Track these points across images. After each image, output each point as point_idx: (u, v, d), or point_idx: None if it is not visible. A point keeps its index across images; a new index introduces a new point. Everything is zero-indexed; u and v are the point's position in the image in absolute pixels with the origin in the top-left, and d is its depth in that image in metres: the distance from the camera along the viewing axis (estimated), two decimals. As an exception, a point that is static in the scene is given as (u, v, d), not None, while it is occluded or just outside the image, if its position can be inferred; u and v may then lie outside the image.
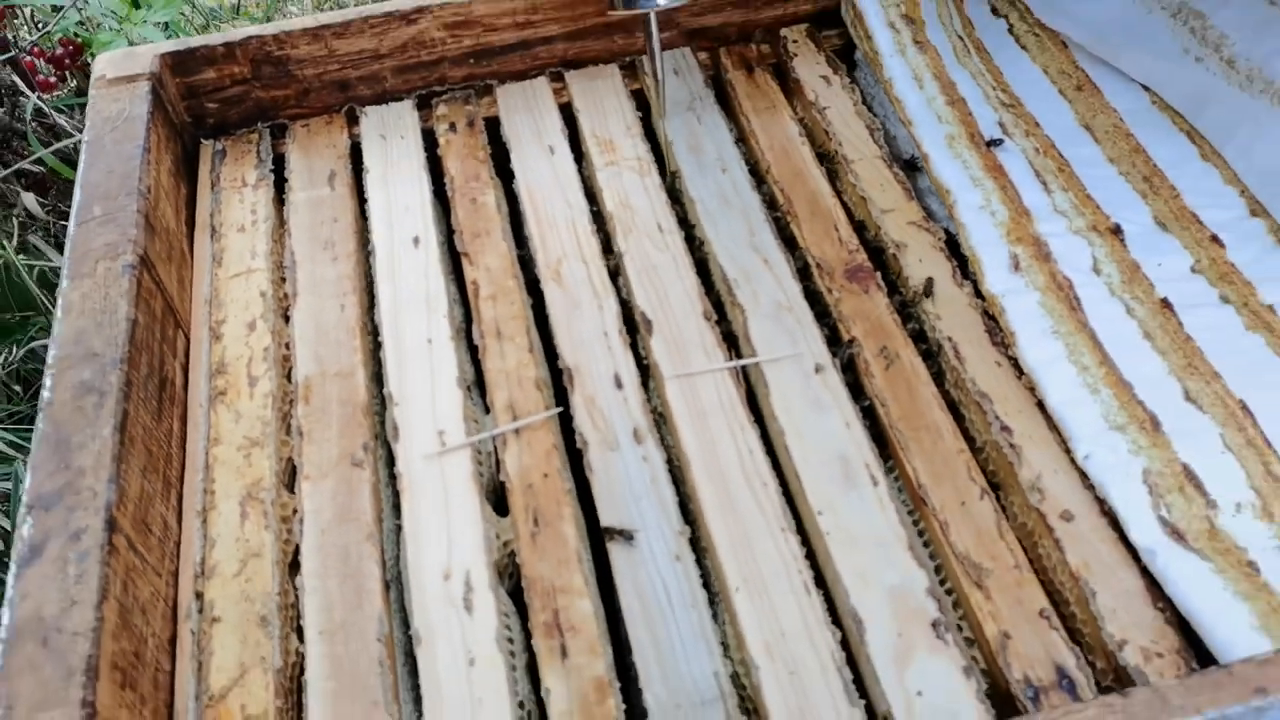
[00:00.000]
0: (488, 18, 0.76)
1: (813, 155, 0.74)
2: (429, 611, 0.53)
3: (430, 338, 0.65)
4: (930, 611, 0.52)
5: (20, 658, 0.44)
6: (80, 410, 0.53)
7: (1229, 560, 0.51)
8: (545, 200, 0.72)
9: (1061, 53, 0.77)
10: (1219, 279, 0.63)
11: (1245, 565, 0.51)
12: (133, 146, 0.66)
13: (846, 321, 0.64)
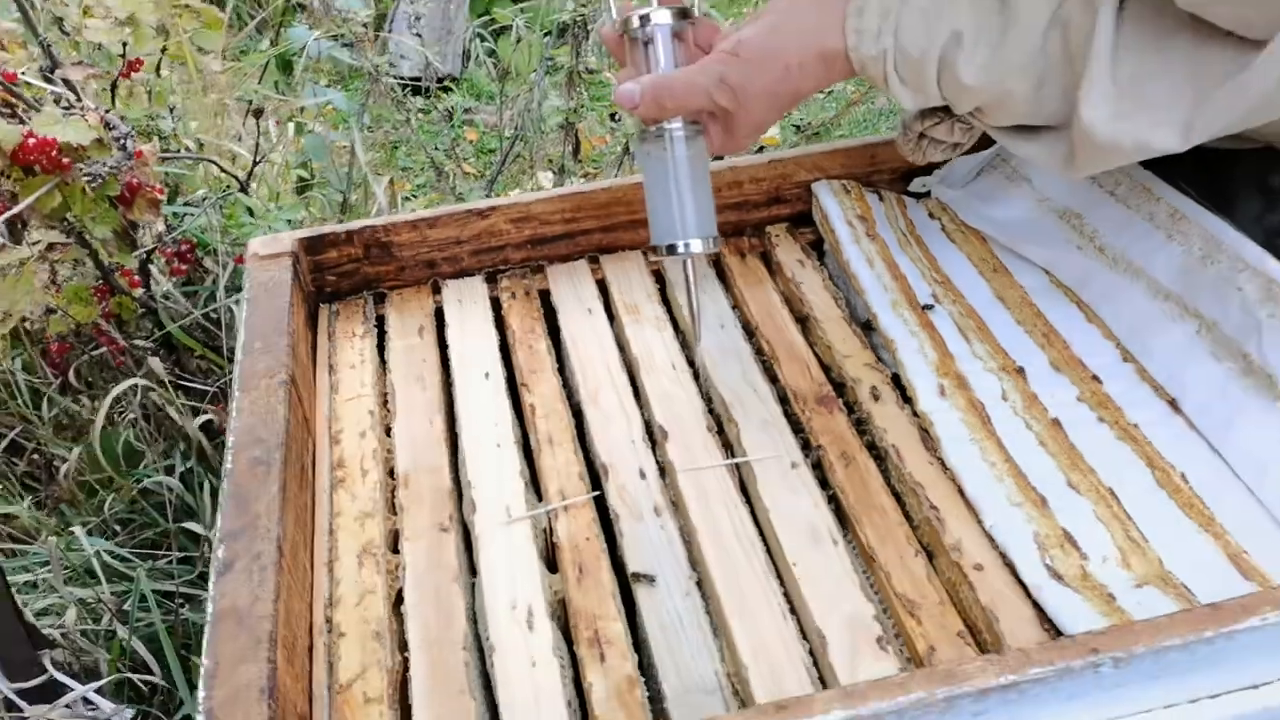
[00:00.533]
0: (542, 215, 1.01)
1: (790, 317, 0.96)
2: (500, 630, 0.71)
3: (498, 443, 0.85)
4: (876, 631, 0.70)
5: (223, 631, 0.63)
6: (254, 476, 0.73)
7: (1096, 594, 0.70)
8: (585, 347, 0.94)
9: (981, 245, 1.01)
10: (1097, 405, 0.84)
11: (1107, 597, 0.69)
12: (281, 302, 0.89)
13: (815, 433, 0.84)
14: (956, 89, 0.78)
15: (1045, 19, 0.74)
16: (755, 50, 0.80)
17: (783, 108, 0.83)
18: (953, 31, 0.76)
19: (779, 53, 0.80)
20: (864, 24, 0.78)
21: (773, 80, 0.80)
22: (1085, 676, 0.59)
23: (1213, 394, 0.81)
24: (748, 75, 0.80)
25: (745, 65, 0.80)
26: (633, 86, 0.81)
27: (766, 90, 0.81)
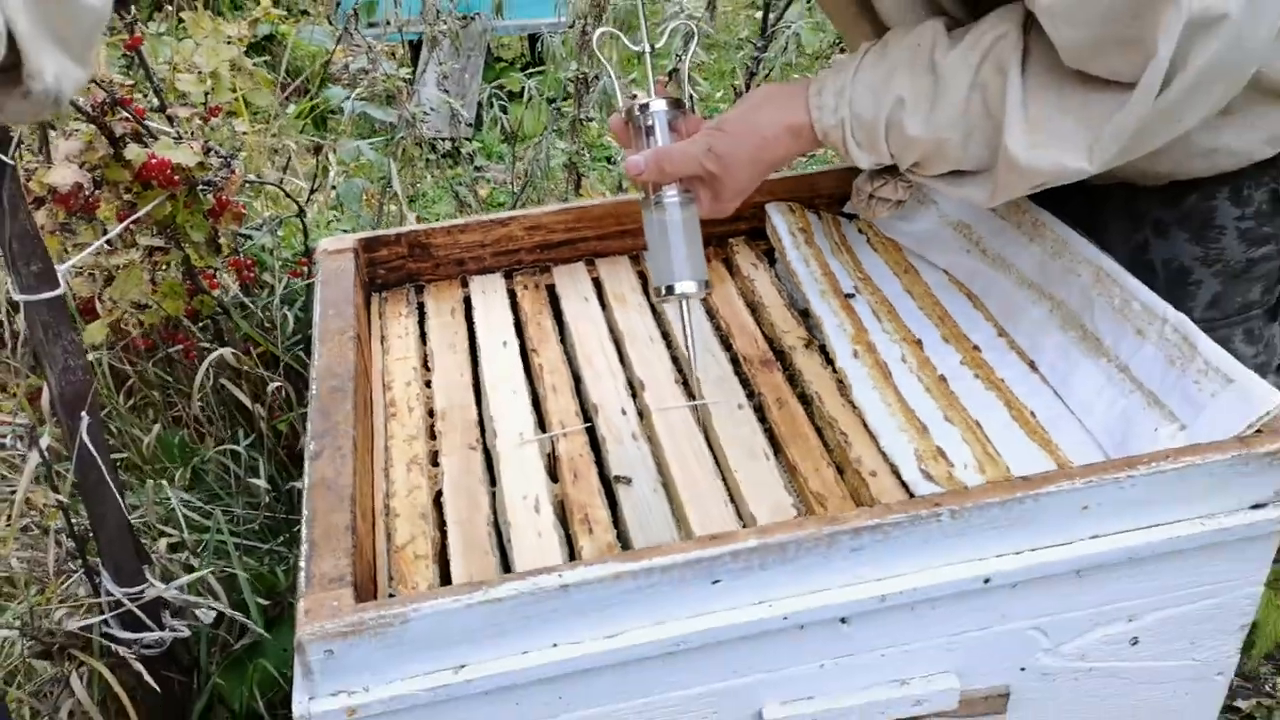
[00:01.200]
0: (550, 224, 1.27)
1: (744, 305, 1.22)
2: (515, 513, 0.95)
3: (514, 390, 1.10)
4: (793, 515, 0.94)
5: (317, 493, 0.87)
6: (333, 398, 0.98)
7: (956, 488, 0.94)
8: (581, 324, 1.19)
9: (896, 252, 1.27)
10: (974, 366, 1.09)
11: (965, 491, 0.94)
12: (347, 283, 1.14)
13: (757, 385, 1.09)
14: (902, 144, 0.99)
15: (967, 84, 0.94)
16: (737, 126, 1.02)
17: (761, 174, 1.05)
18: (897, 97, 0.97)
19: (757, 128, 1.02)
20: (823, 101, 1.00)
21: (752, 149, 1.01)
22: (930, 524, 0.84)
23: (1059, 356, 1.06)
24: (731, 146, 1.01)
25: (729, 138, 1.01)
26: (638, 158, 1.02)
27: (747, 158, 1.02)
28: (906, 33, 1.00)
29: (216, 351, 1.44)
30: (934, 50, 0.97)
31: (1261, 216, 1.08)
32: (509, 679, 0.81)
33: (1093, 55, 0.88)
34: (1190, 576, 0.92)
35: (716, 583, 0.82)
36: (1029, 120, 0.92)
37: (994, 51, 0.93)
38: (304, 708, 0.79)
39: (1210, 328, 1.07)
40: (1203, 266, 1.10)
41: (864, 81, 0.99)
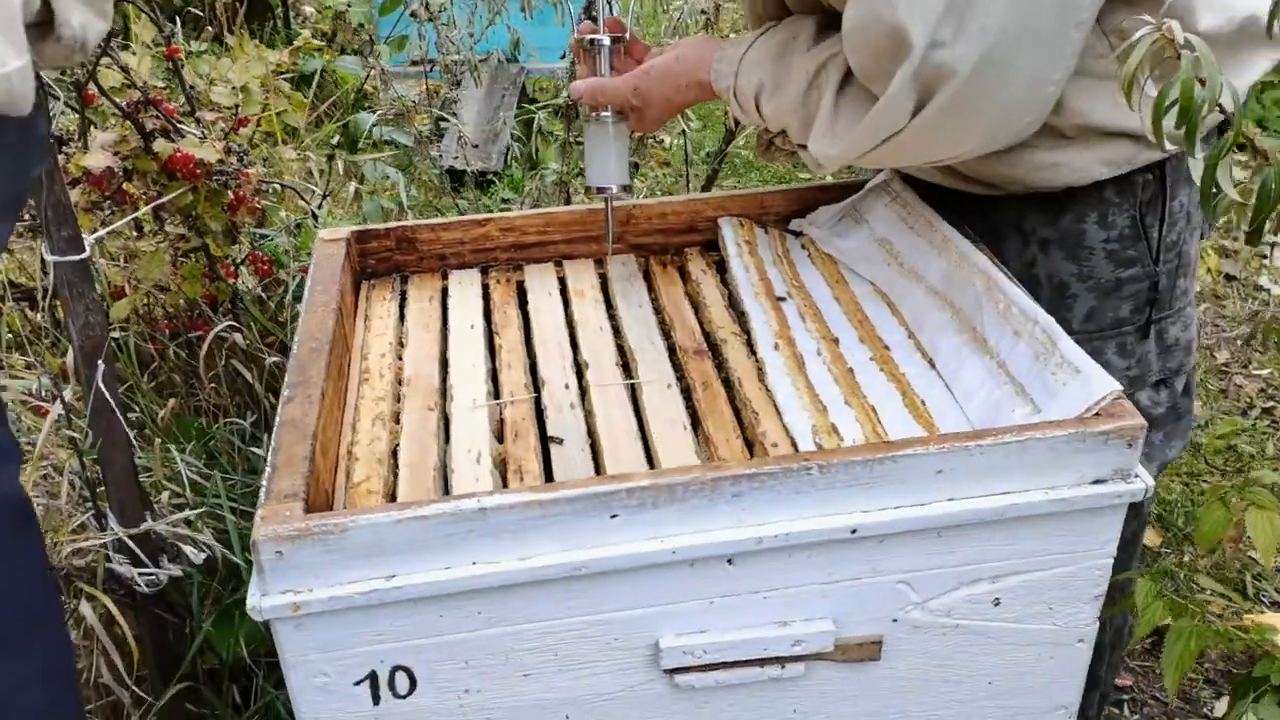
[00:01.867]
0: (523, 227, 1.43)
1: (689, 305, 1.36)
2: (459, 462, 1.10)
3: (474, 364, 1.25)
4: (698, 474, 1.08)
5: (284, 430, 1.02)
6: (310, 356, 1.13)
7: (843, 460, 1.07)
8: (543, 314, 1.35)
9: (832, 266, 1.41)
10: (881, 363, 1.23)
11: (850, 461, 1.07)
12: (336, 268, 1.31)
13: (688, 371, 1.24)
14: (764, 117, 1.23)
15: (804, 84, 1.18)
16: (659, 72, 1.30)
17: (675, 110, 1.33)
18: (760, 81, 1.21)
19: (673, 76, 1.29)
20: (720, 68, 1.25)
21: (667, 91, 1.30)
22: (801, 476, 0.97)
23: (953, 354, 1.20)
24: (651, 87, 1.30)
25: (651, 80, 1.30)
26: (581, 84, 1.31)
27: (662, 99, 1.31)
28: (789, 24, 1.23)
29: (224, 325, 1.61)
30: (794, 50, 1.20)
31: (1124, 240, 1.21)
32: (433, 589, 0.95)
33: (863, 78, 1.11)
34: (1042, 544, 1.04)
35: (614, 517, 0.96)
36: (830, 122, 1.16)
37: (828, 65, 1.17)
38: (256, 601, 0.93)
39: (1086, 339, 1.21)
40: (1078, 282, 1.24)
41: (749, 60, 1.23)
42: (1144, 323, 1.25)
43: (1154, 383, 1.29)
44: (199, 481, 1.51)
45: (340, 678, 0.99)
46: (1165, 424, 1.34)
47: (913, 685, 1.11)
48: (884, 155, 1.14)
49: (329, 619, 0.95)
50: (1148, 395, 1.29)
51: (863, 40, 1.08)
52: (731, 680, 1.05)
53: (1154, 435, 1.33)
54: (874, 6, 1.05)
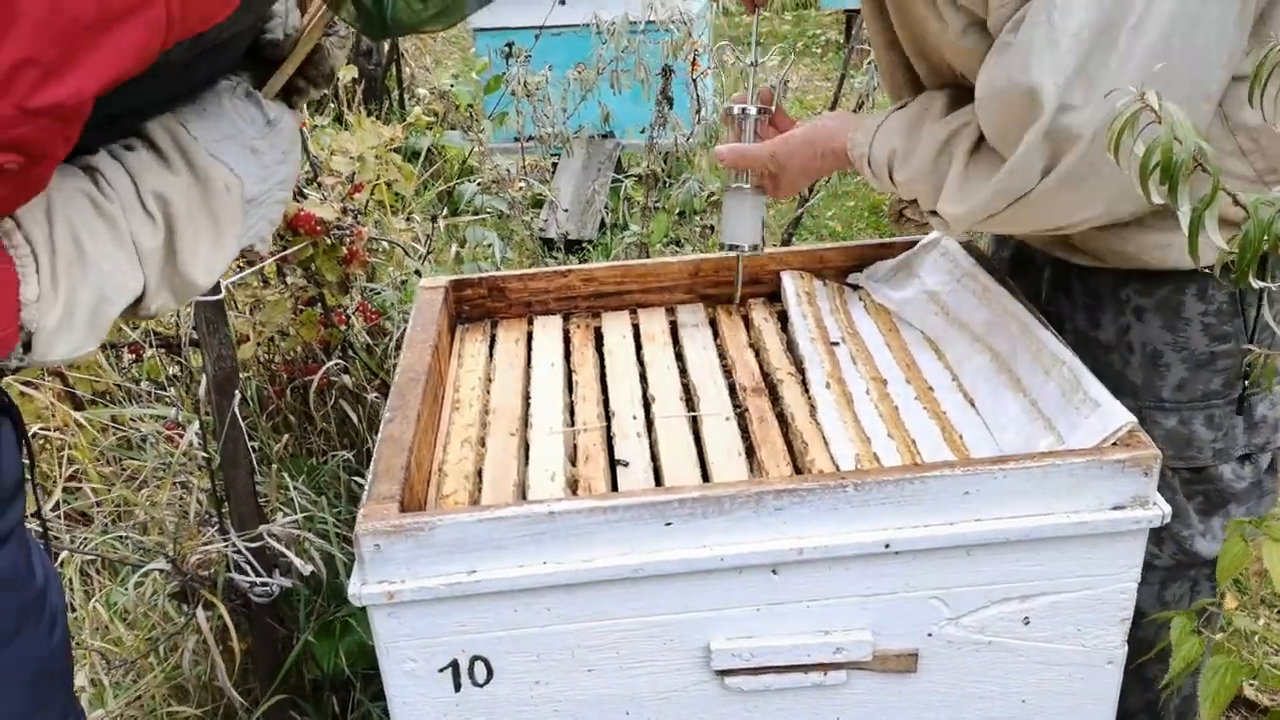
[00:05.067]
0: (602, 278, 1.58)
1: (750, 349, 1.49)
2: (537, 479, 1.23)
3: (553, 396, 1.39)
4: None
5: (384, 445, 1.17)
6: (409, 385, 1.29)
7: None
8: (616, 354, 1.48)
9: (886, 316, 1.52)
10: (925, 402, 1.33)
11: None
12: (435, 312, 1.47)
13: (746, 406, 1.36)
14: (896, 185, 1.29)
15: (935, 151, 1.24)
16: (797, 141, 1.40)
17: (810, 177, 1.45)
18: (893, 148, 1.28)
19: (810, 144, 1.39)
20: (856, 138, 1.33)
21: (804, 160, 1.40)
22: (838, 492, 1.08)
23: (990, 393, 1.29)
24: (789, 154, 1.40)
25: (789, 148, 1.40)
26: (724, 150, 1.43)
27: (799, 166, 1.40)
28: (924, 98, 1.31)
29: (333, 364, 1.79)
30: (926, 120, 1.27)
31: (1222, 315, 1.26)
32: (508, 584, 1.08)
33: (995, 141, 1.16)
34: (1066, 565, 1.12)
35: (668, 525, 1.08)
36: (960, 186, 1.21)
37: (959, 133, 1.22)
38: (356, 589, 1.08)
39: (1175, 409, 1.28)
40: (1173, 352, 1.29)
41: (884, 130, 1.30)
42: (1235, 397, 1.29)
43: (1239, 457, 1.33)
44: (307, 507, 1.67)
45: (426, 663, 1.12)
46: (1248, 499, 1.37)
47: (949, 699, 1.18)
48: (1010, 218, 1.17)
49: (418, 608, 1.09)
50: (1232, 469, 1.33)
51: (996, 103, 1.12)
52: (778, 685, 1.15)
53: (1236, 509, 1.36)
54: (1008, 70, 1.10)
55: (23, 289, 0.83)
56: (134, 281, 0.91)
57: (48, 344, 0.86)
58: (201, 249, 0.94)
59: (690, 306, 1.60)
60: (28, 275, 0.84)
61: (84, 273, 0.87)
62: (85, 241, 0.87)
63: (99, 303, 0.89)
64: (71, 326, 0.87)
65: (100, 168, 0.90)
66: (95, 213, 0.88)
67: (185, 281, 0.95)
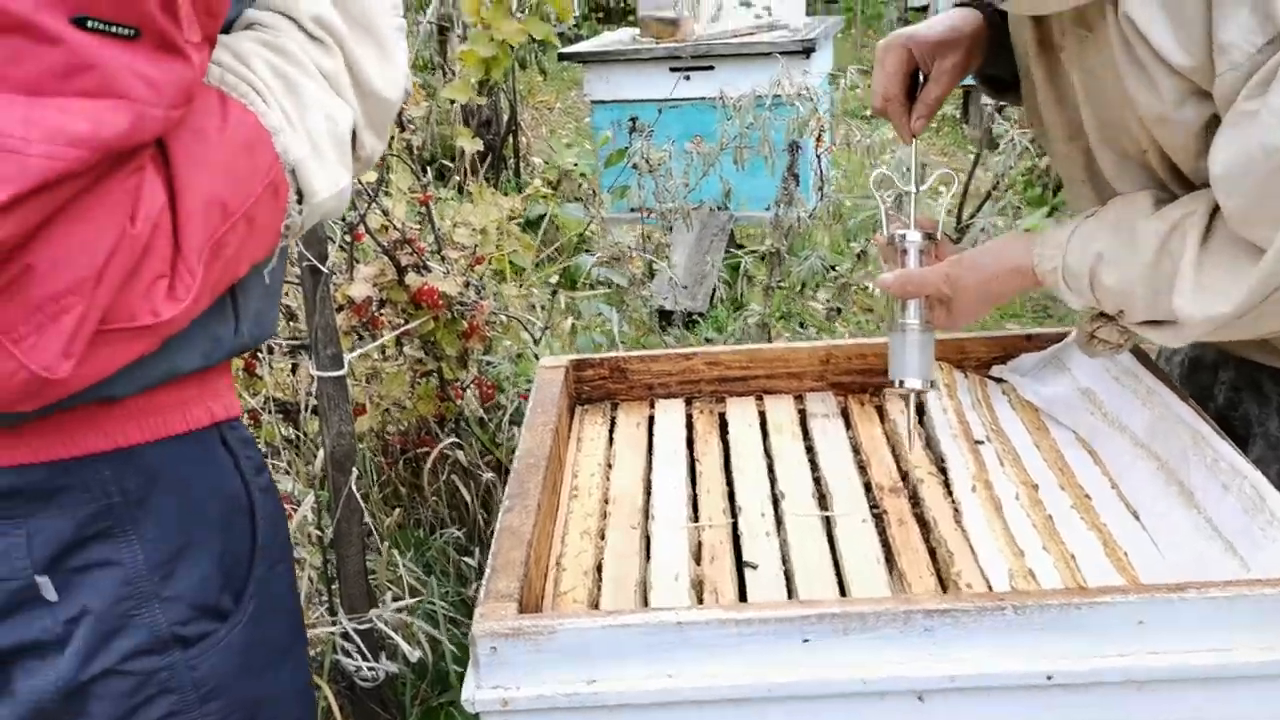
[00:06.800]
0: (728, 362, 1.51)
1: (885, 443, 1.40)
2: (660, 580, 1.16)
3: (675, 488, 1.33)
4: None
5: (503, 536, 1.12)
6: (529, 471, 1.24)
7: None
8: (742, 444, 1.41)
9: (1033, 413, 1.42)
10: (1083, 511, 1.22)
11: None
12: (555, 392, 1.42)
13: (884, 506, 1.27)
14: (1102, 293, 1.16)
15: (1154, 248, 1.11)
16: (971, 261, 1.27)
17: (988, 301, 1.28)
18: (1098, 253, 1.15)
19: (988, 264, 1.25)
20: (1044, 251, 1.20)
21: (981, 280, 1.26)
22: (996, 615, 0.98)
23: (1158, 506, 1.18)
24: (965, 276, 1.26)
25: (963, 269, 1.26)
26: (889, 277, 1.30)
27: (975, 287, 1.26)
28: (1122, 200, 1.20)
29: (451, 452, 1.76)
30: (1136, 218, 1.16)
31: None
32: (630, 697, 1.00)
33: (1246, 223, 1.05)
34: (1253, 709, 0.99)
35: (806, 641, 0.99)
36: (1196, 282, 1.09)
37: (1182, 224, 1.11)
38: (471, 693, 1.01)
39: None
40: None
41: (1078, 238, 1.18)
42: None
43: None
44: (417, 588, 1.63)
45: (539, 775, 1.05)
46: None
47: None
48: (1268, 313, 1.05)
49: (533, 718, 1.02)
50: None
51: (1246, 178, 1.01)
52: (918, 822, 1.04)
53: None
54: (1259, 136, 0.99)
55: (264, 119, 0.86)
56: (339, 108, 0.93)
57: (310, 176, 0.89)
58: (370, 62, 0.95)
59: (820, 395, 1.52)
60: (260, 106, 0.87)
61: (299, 98, 0.89)
62: (285, 71, 0.90)
63: (330, 124, 0.91)
64: (322, 155, 0.94)
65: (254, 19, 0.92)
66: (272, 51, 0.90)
67: (377, 100, 0.96)
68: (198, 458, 0.96)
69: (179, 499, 0.94)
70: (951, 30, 1.30)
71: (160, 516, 0.93)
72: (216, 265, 0.86)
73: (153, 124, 0.79)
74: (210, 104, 0.87)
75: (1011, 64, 1.36)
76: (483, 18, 1.96)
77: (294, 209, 0.92)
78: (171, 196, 0.83)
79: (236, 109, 0.88)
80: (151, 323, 0.81)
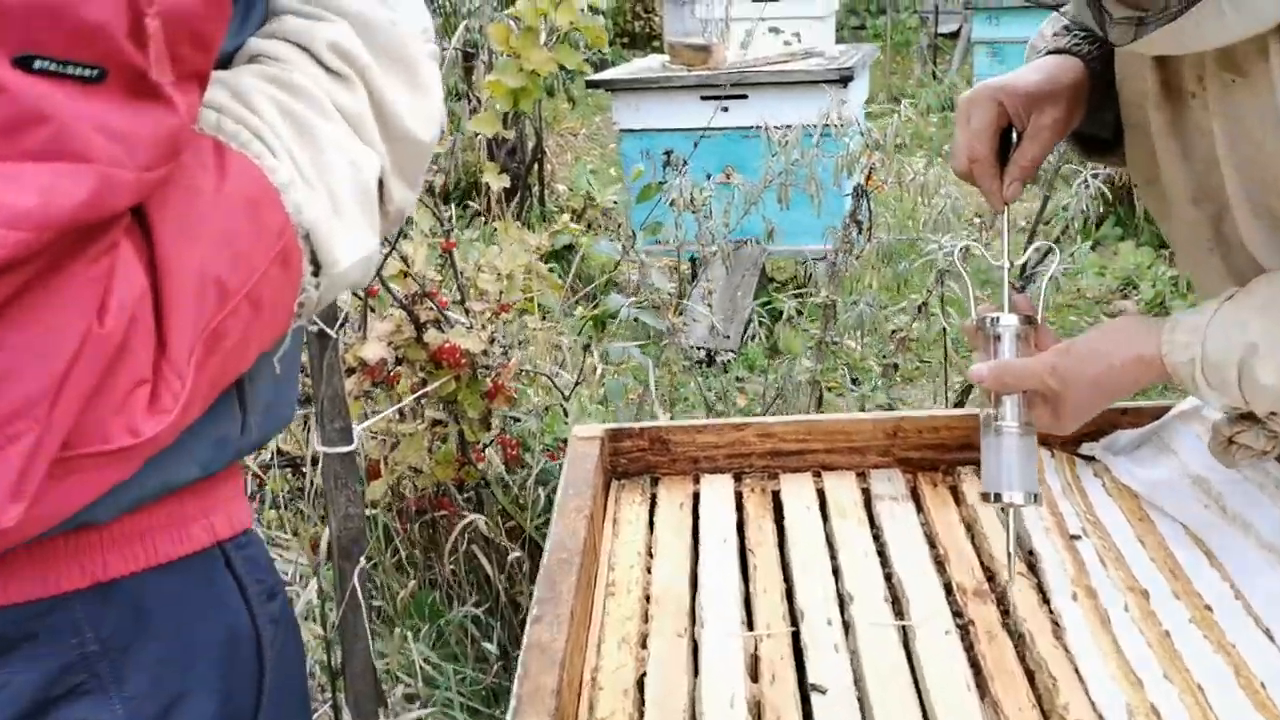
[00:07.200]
0: (782, 434, 1.35)
1: (965, 533, 1.23)
2: (712, 705, 1.00)
3: (726, 585, 1.16)
4: (987, 749, 0.93)
5: (531, 654, 0.96)
6: (560, 569, 1.07)
7: (1167, 751, 0.90)
8: (800, 531, 1.25)
9: (1132, 500, 1.25)
10: (1204, 626, 1.05)
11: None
12: (590, 466, 1.26)
13: (969, 614, 1.10)
14: (1254, 390, 0.97)
15: None
16: (1084, 349, 1.07)
17: (1103, 400, 1.08)
18: (1250, 343, 0.96)
19: (1104, 354, 1.05)
20: (1175, 338, 1.01)
21: (1096, 373, 1.05)
22: (1126, 778, 0.81)
23: (1299, 626, 1.00)
24: (1075, 368, 1.05)
25: (1074, 360, 1.06)
26: (982, 367, 1.10)
27: (1089, 381, 1.06)
28: (1269, 280, 1.01)
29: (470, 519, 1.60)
30: None
31: None
32: None
33: None
34: None
35: (894, 803, 0.82)
36: None
37: None
38: None
39: None
40: None
41: (1220, 323, 1.00)
42: None
43: None
44: (432, 674, 1.47)
45: None
46: None
47: None
48: None
49: None
50: None
51: None
52: None
53: None
54: None
55: (271, 175, 0.70)
56: (364, 154, 0.77)
57: (329, 242, 0.73)
58: (400, 98, 0.80)
59: (886, 472, 1.36)
60: (266, 157, 0.70)
61: (314, 145, 0.73)
62: (297, 112, 0.73)
63: (353, 174, 0.75)
64: (343, 213, 0.75)
65: (259, 50, 0.77)
66: (281, 87, 0.74)
67: (408, 142, 0.81)
68: (195, 588, 0.79)
69: (170, 643, 0.77)
70: (1049, 81, 1.12)
71: (147, 666, 0.76)
72: (213, 361, 0.69)
73: (123, 190, 0.62)
74: (204, 156, 0.70)
75: (1106, 120, 1.19)
76: (511, 46, 1.82)
77: (310, 282, 0.75)
78: (154, 279, 0.65)
79: (237, 161, 0.71)
80: (130, 444, 0.64)
